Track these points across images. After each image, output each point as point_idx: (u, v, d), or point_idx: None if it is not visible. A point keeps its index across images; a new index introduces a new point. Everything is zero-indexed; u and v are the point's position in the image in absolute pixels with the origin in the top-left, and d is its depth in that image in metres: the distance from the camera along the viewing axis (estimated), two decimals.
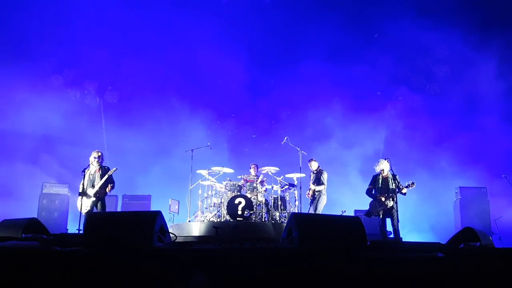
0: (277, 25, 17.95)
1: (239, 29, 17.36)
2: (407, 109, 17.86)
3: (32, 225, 7.37)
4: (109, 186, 10.43)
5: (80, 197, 10.29)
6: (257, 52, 18.21)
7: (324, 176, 12.15)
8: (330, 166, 13.48)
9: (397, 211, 10.36)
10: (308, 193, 12.25)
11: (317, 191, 12.08)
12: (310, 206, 12.30)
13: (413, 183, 10.37)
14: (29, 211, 14.00)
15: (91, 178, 10.49)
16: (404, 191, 10.43)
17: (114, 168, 10.48)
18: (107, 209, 10.94)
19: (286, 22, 17.93)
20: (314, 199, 12.11)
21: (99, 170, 10.50)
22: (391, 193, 10.45)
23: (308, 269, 5.17)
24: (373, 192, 10.78)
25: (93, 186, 10.39)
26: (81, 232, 9.69)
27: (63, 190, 15.00)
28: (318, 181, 12.14)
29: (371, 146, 17.09)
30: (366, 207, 11.10)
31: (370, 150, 16.87)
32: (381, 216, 10.59)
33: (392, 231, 10.69)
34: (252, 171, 13.25)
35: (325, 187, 12.11)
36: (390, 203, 10.39)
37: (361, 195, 11.51)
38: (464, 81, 17.04)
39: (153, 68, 17.64)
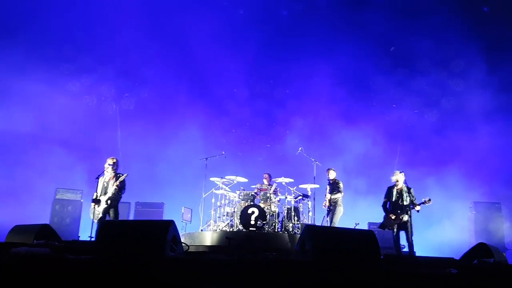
0: (292, 34, 17.98)
1: (255, 38, 17.31)
2: (419, 123, 17.80)
3: (44, 231, 7.40)
4: (116, 184, 10.38)
5: (93, 204, 10.29)
6: (273, 62, 18.21)
7: (340, 186, 12.14)
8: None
9: (411, 225, 10.19)
10: (325, 204, 12.20)
11: (333, 201, 12.02)
12: (326, 216, 12.24)
13: (429, 200, 10.13)
14: (42, 216, 14.07)
15: (105, 185, 10.46)
16: (417, 208, 10.20)
17: (125, 174, 10.44)
18: (120, 217, 10.91)
19: (302, 32, 17.95)
20: (331, 210, 12.05)
21: (113, 178, 10.47)
22: (405, 208, 10.29)
23: (321, 283, 5.10)
24: (387, 205, 10.65)
25: (106, 193, 10.38)
26: (93, 239, 9.67)
27: (76, 196, 15.05)
28: (333, 191, 12.09)
29: (386, 158, 16.93)
30: (378, 220, 11.01)
31: (384, 162, 16.74)
32: (395, 230, 10.45)
33: (406, 245, 10.56)
34: (265, 181, 13.21)
35: (342, 196, 12.06)
36: (405, 217, 10.23)
37: None
38: (474, 95, 16.87)
39: (169, 77, 17.72)
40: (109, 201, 10.33)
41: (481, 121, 16.75)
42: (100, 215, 10.28)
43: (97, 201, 10.29)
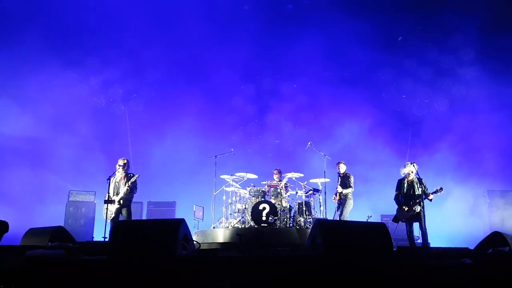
0: (298, 28, 17.87)
1: (262, 34, 17.23)
2: (431, 112, 17.69)
3: (58, 233, 7.43)
4: (128, 185, 10.47)
5: (105, 204, 10.38)
6: (279, 57, 18.14)
7: (351, 180, 12.04)
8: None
9: (424, 216, 10.16)
10: (335, 197, 12.14)
11: (343, 195, 11.96)
12: (337, 210, 12.19)
13: (441, 189, 10.09)
14: (56, 219, 14.16)
15: (116, 186, 10.59)
16: (430, 197, 10.17)
17: (137, 175, 10.55)
18: (133, 216, 11.01)
19: (308, 26, 17.84)
20: (341, 203, 12.01)
21: (124, 178, 10.58)
22: (418, 198, 10.26)
23: (333, 277, 5.11)
24: (400, 198, 10.61)
25: (117, 194, 10.48)
26: (106, 240, 9.75)
27: (89, 198, 15.17)
28: (344, 185, 12.03)
29: (397, 149, 16.86)
30: (391, 212, 10.97)
31: (395, 154, 16.68)
32: (408, 222, 10.42)
33: (419, 236, 10.53)
34: (276, 177, 13.20)
35: (352, 190, 12.01)
36: (418, 209, 10.19)
37: None
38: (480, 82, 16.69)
39: (175, 76, 17.78)
40: (121, 201, 10.45)
41: (491, 108, 16.57)
42: (113, 215, 10.41)
43: (109, 202, 10.39)
